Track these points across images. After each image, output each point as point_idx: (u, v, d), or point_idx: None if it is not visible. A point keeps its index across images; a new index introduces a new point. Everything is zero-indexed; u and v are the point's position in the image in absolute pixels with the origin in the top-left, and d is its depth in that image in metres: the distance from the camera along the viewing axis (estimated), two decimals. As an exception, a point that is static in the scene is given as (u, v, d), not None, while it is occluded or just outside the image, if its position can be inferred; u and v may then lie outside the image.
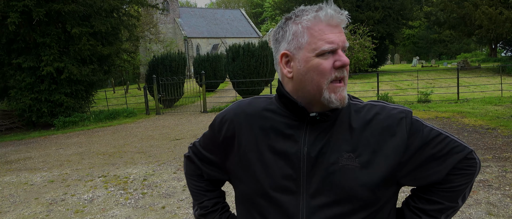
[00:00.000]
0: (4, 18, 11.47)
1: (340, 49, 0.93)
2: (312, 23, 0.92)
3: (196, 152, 1.20)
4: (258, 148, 1.00)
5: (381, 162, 0.94)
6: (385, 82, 17.64)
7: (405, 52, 50.91)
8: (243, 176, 1.04)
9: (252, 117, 1.04)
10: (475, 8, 20.86)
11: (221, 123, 1.09)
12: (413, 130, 0.96)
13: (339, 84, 0.93)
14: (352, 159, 0.94)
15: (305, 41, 0.93)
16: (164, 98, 15.37)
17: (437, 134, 0.98)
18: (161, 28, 38.36)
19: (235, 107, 1.10)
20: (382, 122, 0.97)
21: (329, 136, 0.96)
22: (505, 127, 7.42)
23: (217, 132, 1.10)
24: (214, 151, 1.13)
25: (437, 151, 0.97)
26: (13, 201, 4.96)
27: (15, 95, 12.34)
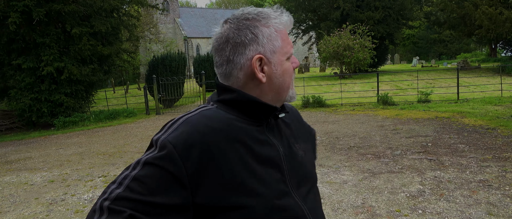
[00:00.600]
0: (5, 18, 11.47)
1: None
2: (281, 27, 0.95)
3: (136, 207, 0.80)
4: (246, 163, 0.89)
5: (307, 145, 1.10)
6: (385, 82, 17.64)
7: (405, 52, 50.92)
8: (235, 202, 0.86)
9: (223, 131, 0.89)
10: (475, 8, 20.86)
11: (186, 149, 0.84)
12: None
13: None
14: (301, 148, 1.05)
15: (279, 45, 0.94)
16: (164, 98, 15.37)
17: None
18: (161, 28, 38.36)
19: (193, 126, 0.88)
20: (293, 115, 1.12)
21: (282, 133, 1.01)
22: (505, 127, 7.42)
23: (183, 162, 0.83)
24: (176, 190, 0.83)
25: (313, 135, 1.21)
26: (13, 201, 4.96)
27: (15, 95, 12.34)
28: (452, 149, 6.01)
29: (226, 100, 0.95)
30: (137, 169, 0.84)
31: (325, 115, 11.09)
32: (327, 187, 4.55)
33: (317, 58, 39.06)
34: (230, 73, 0.94)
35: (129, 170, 0.85)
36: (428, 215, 3.62)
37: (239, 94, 0.94)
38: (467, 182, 4.43)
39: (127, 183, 0.82)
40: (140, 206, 0.80)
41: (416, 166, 5.21)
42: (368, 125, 8.82)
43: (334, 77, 22.36)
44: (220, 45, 0.95)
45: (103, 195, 0.83)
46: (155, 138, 0.88)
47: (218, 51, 0.96)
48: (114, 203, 0.80)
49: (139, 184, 0.82)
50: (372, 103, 12.59)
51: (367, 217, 3.66)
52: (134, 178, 0.82)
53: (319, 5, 25.95)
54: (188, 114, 0.92)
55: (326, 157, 6.04)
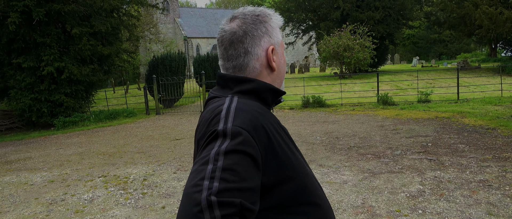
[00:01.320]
0: (4, 18, 11.47)
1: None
2: (280, 23, 1.11)
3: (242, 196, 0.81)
4: (287, 144, 1.01)
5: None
6: (385, 82, 17.63)
7: (405, 52, 50.90)
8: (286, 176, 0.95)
9: (266, 116, 0.98)
10: (475, 8, 20.85)
11: (257, 133, 0.90)
12: None
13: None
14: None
15: (279, 39, 1.10)
16: (164, 98, 15.36)
17: None
18: (161, 28, 38.36)
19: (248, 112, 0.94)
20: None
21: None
22: (505, 127, 7.42)
23: (256, 145, 0.88)
24: (257, 173, 0.88)
25: None
26: (13, 201, 4.96)
27: (15, 95, 12.34)
28: (452, 149, 6.01)
29: (244, 91, 1.01)
30: (221, 160, 0.83)
31: (325, 115, 11.09)
32: (327, 187, 4.55)
33: (317, 58, 39.06)
34: (247, 64, 1.02)
35: (211, 163, 0.83)
36: (428, 215, 3.62)
37: (258, 83, 1.03)
38: (467, 182, 4.43)
39: (220, 175, 0.81)
40: (240, 194, 0.81)
41: (416, 166, 5.21)
42: (368, 125, 8.81)
43: (334, 77, 22.35)
44: (238, 38, 1.02)
45: (201, 192, 0.79)
46: (220, 128, 0.88)
47: (234, 44, 1.02)
48: (220, 196, 0.78)
49: (231, 173, 0.81)
50: (372, 103, 12.59)
51: (367, 217, 3.65)
52: (224, 168, 0.82)
53: (319, 5, 25.94)
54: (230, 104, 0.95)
55: (326, 157, 6.04)
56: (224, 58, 1.04)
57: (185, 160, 6.47)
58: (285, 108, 12.95)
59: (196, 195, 0.78)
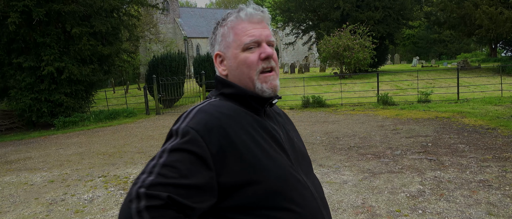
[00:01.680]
0: (4, 18, 11.47)
1: (264, 42, 1.03)
2: (235, 23, 1.04)
3: (172, 190, 0.86)
4: (258, 143, 0.98)
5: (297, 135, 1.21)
6: (385, 82, 17.63)
7: (405, 52, 50.90)
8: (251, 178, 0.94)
9: (235, 117, 0.98)
10: (475, 8, 20.85)
11: (208, 133, 0.91)
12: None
13: (269, 74, 1.03)
14: (294, 135, 1.17)
15: (231, 39, 1.04)
16: (164, 98, 15.36)
17: None
18: (161, 28, 38.36)
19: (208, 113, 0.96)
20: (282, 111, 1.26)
21: (276, 120, 1.12)
22: (505, 127, 7.42)
23: (205, 146, 0.90)
24: (203, 171, 0.90)
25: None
26: (13, 201, 4.96)
27: (15, 95, 12.34)
28: (452, 149, 6.01)
29: (226, 94, 1.06)
30: (164, 157, 0.90)
31: (325, 115, 11.09)
32: (327, 187, 4.55)
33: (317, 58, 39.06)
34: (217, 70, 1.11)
35: (156, 159, 0.91)
36: (428, 215, 3.62)
37: (237, 88, 1.05)
38: (467, 182, 4.43)
39: (158, 170, 0.88)
40: (174, 189, 0.86)
41: (416, 166, 5.21)
42: (368, 125, 8.81)
43: (334, 77, 22.36)
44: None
45: (136, 185, 0.87)
46: (174, 128, 0.96)
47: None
48: (150, 189, 0.85)
49: (170, 169, 0.87)
50: (372, 103, 12.59)
51: (367, 217, 3.65)
52: (164, 164, 0.88)
53: (319, 5, 25.94)
54: (198, 106, 1.01)
55: (326, 157, 6.04)
56: None
57: (185, 160, 6.47)
58: (285, 108, 12.95)
59: (132, 187, 0.87)
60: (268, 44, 1.05)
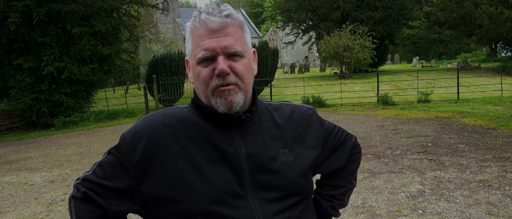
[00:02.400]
0: (5, 18, 11.48)
1: (222, 55, 0.88)
2: (193, 28, 0.91)
3: (92, 187, 0.94)
4: (191, 160, 0.90)
5: (308, 151, 1.03)
6: (385, 82, 17.64)
7: (405, 52, 50.90)
8: (173, 195, 0.89)
9: (174, 127, 0.93)
10: (475, 8, 20.85)
11: (134, 141, 0.92)
12: (320, 122, 1.11)
13: (224, 88, 0.88)
14: (287, 154, 0.98)
15: (190, 48, 0.93)
16: (164, 98, 15.36)
17: (333, 126, 1.15)
18: (161, 28, 38.35)
19: (147, 121, 0.96)
20: (299, 117, 1.06)
21: (261, 134, 0.97)
22: (505, 127, 7.42)
23: (129, 153, 0.91)
24: (123, 177, 0.92)
25: (337, 141, 1.13)
26: (13, 201, 4.96)
27: (15, 95, 12.35)
28: (452, 149, 6.01)
29: (193, 101, 1.00)
30: (102, 157, 0.98)
31: (325, 115, 11.09)
32: (327, 187, 4.55)
33: (317, 58, 39.06)
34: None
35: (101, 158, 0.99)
36: (428, 215, 3.62)
37: (196, 97, 0.98)
38: (467, 182, 4.43)
39: (94, 168, 0.98)
40: (97, 187, 0.94)
41: (416, 166, 5.21)
42: (368, 125, 8.81)
43: (334, 77, 22.36)
44: None
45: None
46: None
47: None
48: (80, 183, 0.98)
49: (100, 169, 0.96)
50: (372, 103, 12.59)
51: (367, 217, 3.66)
52: (99, 164, 0.97)
53: (319, 5, 25.94)
54: (152, 113, 1.00)
55: (326, 157, 6.03)
56: None
57: (185, 160, 6.47)
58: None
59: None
60: (230, 55, 0.89)
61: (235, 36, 0.90)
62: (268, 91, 16.68)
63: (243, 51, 0.91)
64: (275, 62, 19.04)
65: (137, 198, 0.93)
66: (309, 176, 1.02)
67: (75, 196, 0.97)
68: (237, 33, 0.91)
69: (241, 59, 0.91)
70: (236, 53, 0.89)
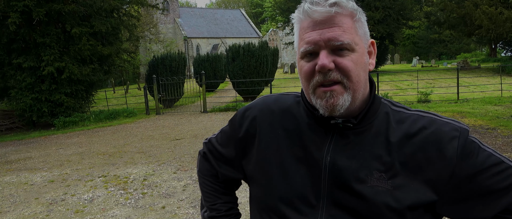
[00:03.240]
0: (5, 18, 11.48)
1: (324, 49, 0.79)
2: (299, 20, 0.83)
3: (211, 149, 1.08)
4: (280, 152, 0.89)
5: (419, 187, 0.79)
6: (385, 82, 17.64)
7: (405, 52, 50.92)
8: (258, 178, 0.92)
9: (277, 115, 0.92)
10: (475, 8, 20.86)
11: (242, 118, 0.98)
12: (465, 153, 0.79)
13: (325, 89, 0.79)
14: (384, 180, 0.80)
15: (297, 40, 0.85)
16: (164, 98, 15.37)
17: (497, 162, 0.79)
18: (161, 28, 38.37)
19: (261, 102, 0.98)
20: (427, 138, 0.80)
21: (360, 147, 0.83)
22: (505, 127, 7.42)
23: (237, 127, 0.98)
24: (231, 148, 1.01)
25: (492, 183, 0.78)
26: (13, 201, 4.96)
27: (15, 95, 12.35)
28: (452, 149, 6.01)
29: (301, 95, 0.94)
30: (226, 125, 1.08)
31: (325, 115, 11.08)
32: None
33: (317, 58, 39.00)
34: None
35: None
36: (428, 215, 3.62)
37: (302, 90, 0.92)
38: (467, 182, 4.43)
39: (218, 132, 1.10)
40: (214, 150, 1.08)
41: (416, 166, 5.21)
42: (368, 125, 8.81)
43: (334, 77, 22.37)
44: None
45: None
46: None
47: None
48: (206, 142, 1.13)
49: (220, 135, 1.08)
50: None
51: (367, 217, 3.65)
52: (221, 130, 1.09)
53: (319, 5, 25.92)
54: (274, 93, 1.03)
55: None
56: None
57: (185, 160, 6.48)
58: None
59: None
60: (336, 49, 0.79)
61: (343, 27, 0.79)
62: (268, 91, 16.68)
63: (352, 43, 0.79)
64: (275, 62, 19.05)
65: (240, 168, 1.02)
66: (409, 214, 0.79)
67: (200, 153, 1.15)
68: (347, 23, 0.79)
69: (350, 53, 0.79)
70: (342, 46, 0.78)
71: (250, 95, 15.75)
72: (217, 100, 17.39)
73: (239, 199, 4.56)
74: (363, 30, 0.83)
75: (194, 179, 5.34)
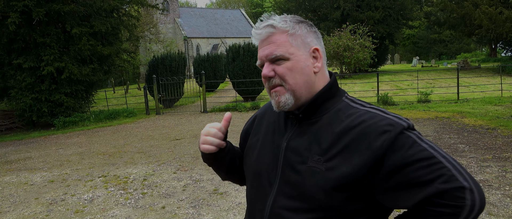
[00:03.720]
0: (4, 18, 11.47)
1: (266, 62, 1.01)
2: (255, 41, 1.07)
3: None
4: (259, 136, 1.14)
5: (347, 172, 0.90)
6: (385, 82, 17.64)
7: (405, 52, 50.92)
8: (245, 157, 1.19)
9: (268, 110, 1.17)
10: (475, 8, 20.86)
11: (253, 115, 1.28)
12: (396, 146, 0.87)
13: (272, 90, 1.01)
14: (320, 162, 0.93)
15: None
16: (164, 98, 15.36)
17: (427, 156, 0.86)
18: (161, 28, 38.35)
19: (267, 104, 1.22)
20: (363, 130, 0.91)
21: (309, 135, 0.99)
22: (505, 127, 7.42)
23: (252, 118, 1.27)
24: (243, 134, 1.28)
25: (417, 176, 0.85)
26: (13, 201, 4.96)
27: (15, 95, 12.34)
28: (452, 149, 6.01)
29: None
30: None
31: (325, 115, 11.08)
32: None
33: (317, 58, 38.96)
34: None
35: None
36: (428, 215, 3.62)
37: None
38: (467, 182, 4.43)
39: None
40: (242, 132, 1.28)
41: (416, 166, 5.20)
42: (368, 125, 8.80)
43: (334, 77, 22.36)
44: None
45: None
46: None
47: None
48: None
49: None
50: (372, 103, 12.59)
51: (367, 217, 3.65)
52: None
53: (319, 5, 25.95)
54: None
55: (326, 157, 6.03)
56: None
57: (185, 160, 6.47)
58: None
59: None
60: (274, 60, 0.99)
61: (276, 42, 0.99)
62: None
63: (285, 54, 0.98)
64: (275, 62, 19.00)
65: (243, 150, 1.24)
66: (336, 193, 0.91)
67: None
68: (281, 38, 0.99)
69: (285, 62, 0.99)
70: (276, 58, 0.99)
71: (250, 95, 15.74)
72: (217, 100, 17.39)
73: (239, 199, 4.56)
74: (300, 41, 1.00)
75: (194, 179, 5.34)
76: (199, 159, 6.41)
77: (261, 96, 16.47)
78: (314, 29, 1.05)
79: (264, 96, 16.39)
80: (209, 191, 4.78)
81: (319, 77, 1.02)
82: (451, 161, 0.86)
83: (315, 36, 1.04)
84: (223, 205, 4.27)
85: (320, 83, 1.02)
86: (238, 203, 4.29)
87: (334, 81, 1.04)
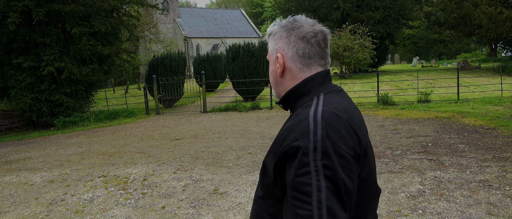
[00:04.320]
0: (4, 18, 11.47)
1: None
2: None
3: None
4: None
5: (269, 160, 1.04)
6: (385, 82, 17.64)
7: (405, 52, 50.90)
8: None
9: None
10: (474, 8, 20.86)
11: None
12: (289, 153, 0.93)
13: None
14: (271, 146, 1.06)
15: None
16: (164, 98, 15.36)
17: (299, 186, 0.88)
18: (161, 28, 38.35)
19: None
20: (286, 130, 0.99)
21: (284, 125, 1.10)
22: (505, 127, 7.42)
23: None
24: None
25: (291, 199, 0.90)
26: (13, 201, 4.96)
27: (15, 95, 12.33)
28: (452, 149, 6.01)
29: None
30: None
31: (325, 115, 11.07)
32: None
33: (317, 58, 38.95)
34: None
35: None
36: (428, 215, 3.62)
37: None
38: (467, 182, 4.43)
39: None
40: None
41: (416, 166, 5.21)
42: (368, 125, 8.81)
43: (334, 77, 22.34)
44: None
45: None
46: None
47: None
48: None
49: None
50: (372, 103, 12.58)
51: (367, 217, 3.65)
52: None
53: (319, 5, 25.95)
54: None
55: (326, 157, 6.03)
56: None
57: (185, 160, 6.47)
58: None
59: None
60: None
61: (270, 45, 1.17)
62: (268, 91, 16.68)
63: (268, 58, 1.20)
64: (275, 62, 19.00)
65: None
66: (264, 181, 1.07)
67: None
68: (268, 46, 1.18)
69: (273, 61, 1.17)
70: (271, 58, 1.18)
71: (250, 95, 15.74)
72: (217, 100, 17.38)
73: (239, 199, 4.56)
74: (271, 45, 1.16)
75: (194, 179, 5.34)
76: (199, 159, 6.40)
77: (261, 96, 16.47)
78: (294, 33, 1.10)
79: (264, 96, 16.39)
80: (209, 191, 4.78)
81: (287, 79, 1.12)
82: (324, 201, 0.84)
83: (285, 41, 1.11)
84: (223, 205, 4.27)
85: (289, 84, 1.13)
86: (238, 203, 4.29)
87: (311, 80, 1.09)
